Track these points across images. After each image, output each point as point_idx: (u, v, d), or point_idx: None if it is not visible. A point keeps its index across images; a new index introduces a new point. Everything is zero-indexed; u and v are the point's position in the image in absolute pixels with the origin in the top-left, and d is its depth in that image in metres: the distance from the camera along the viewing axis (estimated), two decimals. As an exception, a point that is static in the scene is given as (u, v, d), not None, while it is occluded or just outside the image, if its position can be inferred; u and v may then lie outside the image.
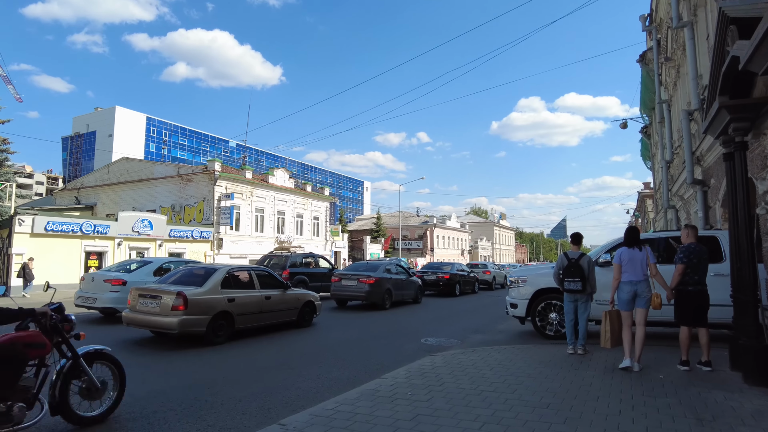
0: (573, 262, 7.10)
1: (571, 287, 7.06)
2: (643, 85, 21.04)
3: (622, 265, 6.23)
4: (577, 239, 7.59)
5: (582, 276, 6.99)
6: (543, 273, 9.31)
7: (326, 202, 41.22)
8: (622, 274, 6.22)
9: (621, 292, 6.23)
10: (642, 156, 30.65)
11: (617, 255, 6.36)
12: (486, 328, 10.98)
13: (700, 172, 11.10)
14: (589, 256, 7.52)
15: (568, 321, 7.23)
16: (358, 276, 14.07)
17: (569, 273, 7.07)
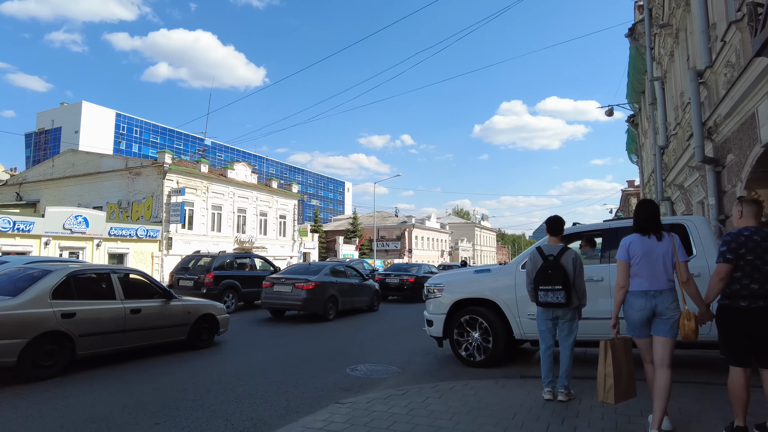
0: (551, 262, 4.68)
1: (549, 299, 4.60)
2: (631, 66, 18.86)
3: (632, 263, 3.77)
4: (556, 227, 4.98)
5: (565, 282, 4.55)
6: (463, 279, 7.13)
7: (294, 199, 38.54)
8: (632, 279, 3.77)
9: (630, 309, 3.76)
10: (627, 149, 28.63)
11: (623, 247, 3.87)
12: (439, 349, 8.50)
13: (712, 148, 8.80)
14: (576, 252, 4.89)
15: (543, 349, 4.80)
16: (293, 280, 11.48)
17: (545, 278, 4.64)
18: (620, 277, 3.78)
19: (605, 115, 21.29)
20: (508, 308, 6.38)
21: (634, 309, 3.71)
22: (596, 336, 5.72)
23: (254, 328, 10.50)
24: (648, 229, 3.80)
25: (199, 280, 12.86)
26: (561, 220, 5.01)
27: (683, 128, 11.53)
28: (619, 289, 3.79)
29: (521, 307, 6.26)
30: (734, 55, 7.14)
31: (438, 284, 7.06)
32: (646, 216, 3.88)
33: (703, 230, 6.00)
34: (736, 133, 7.51)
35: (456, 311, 6.72)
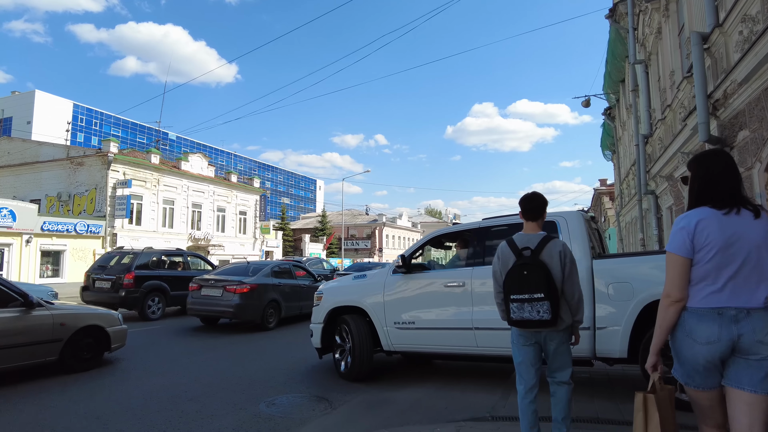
0: (527, 258, 3.09)
1: (527, 315, 3.00)
2: (609, 53, 17.65)
3: (699, 260, 2.10)
4: (534, 206, 3.30)
5: (549, 287, 2.97)
6: (341, 286, 6.45)
7: (255, 194, 36.39)
8: (695, 286, 2.11)
9: (688, 340, 2.10)
10: (602, 146, 27.66)
11: (682, 230, 2.15)
12: (387, 367, 6.86)
13: (716, 126, 7.43)
14: (563, 243, 3.25)
15: (522, 394, 3.15)
16: (224, 282, 9.65)
17: (519, 282, 3.05)
18: (671, 281, 2.14)
19: (582, 106, 20.08)
20: (375, 316, 5.69)
21: (697, 340, 2.07)
22: (442, 348, 5.25)
23: (171, 341, 8.65)
24: (732, 199, 2.13)
25: (117, 281, 10.90)
26: (541, 197, 3.32)
27: (674, 111, 10.21)
28: (669, 304, 2.14)
29: (388, 314, 5.58)
30: (756, 5, 5.72)
31: (320, 291, 6.43)
32: (725, 175, 2.17)
33: (574, 227, 4.77)
34: (755, 103, 6.11)
35: (333, 320, 6.11)
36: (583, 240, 4.67)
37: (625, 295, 4.30)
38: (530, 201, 3.27)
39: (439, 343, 5.28)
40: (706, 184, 2.18)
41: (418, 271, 5.56)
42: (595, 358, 4.49)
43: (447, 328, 5.16)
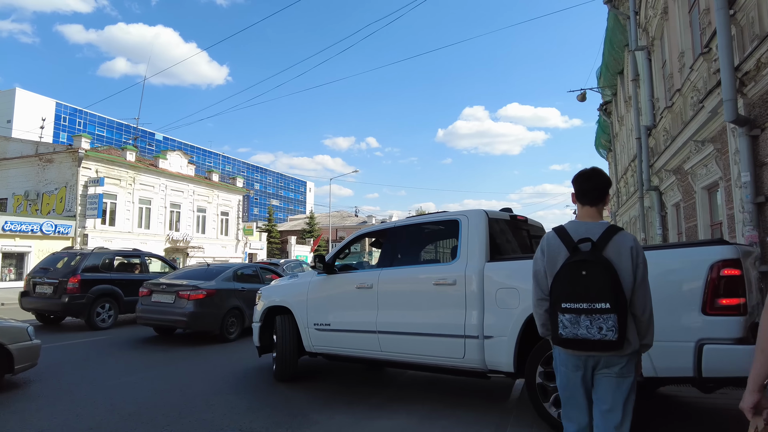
0: (587, 254, 2.21)
1: (583, 333, 2.13)
2: (607, 43, 16.68)
3: None
4: (595, 188, 2.39)
5: (615, 296, 2.10)
6: (277, 285, 6.34)
7: (238, 194, 35.06)
8: None
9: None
10: (596, 144, 26.77)
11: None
12: (370, 383, 5.73)
13: (743, 105, 6.38)
14: (634, 237, 2.35)
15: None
16: (177, 287, 8.45)
17: (575, 287, 2.16)
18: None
19: (577, 100, 19.07)
20: (299, 316, 5.58)
21: None
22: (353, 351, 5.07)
23: (110, 356, 7.42)
24: None
25: (60, 286, 9.61)
26: (602, 175, 2.45)
27: (685, 96, 9.17)
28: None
29: (309, 314, 5.45)
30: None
31: (260, 291, 6.42)
32: None
33: (474, 227, 4.41)
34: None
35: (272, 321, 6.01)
36: (480, 240, 4.28)
37: (511, 302, 3.91)
38: (588, 179, 2.39)
39: (350, 346, 5.11)
40: None
41: (338, 271, 5.45)
42: (488, 371, 4.08)
43: (355, 330, 5.00)
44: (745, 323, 3.01)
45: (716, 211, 8.68)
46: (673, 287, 3.25)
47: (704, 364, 3.02)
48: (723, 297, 3.03)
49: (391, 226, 5.33)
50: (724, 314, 3.01)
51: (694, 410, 4.36)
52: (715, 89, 6.81)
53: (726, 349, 2.97)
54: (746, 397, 1.51)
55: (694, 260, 3.21)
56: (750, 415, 1.52)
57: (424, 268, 4.76)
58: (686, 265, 3.29)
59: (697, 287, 3.09)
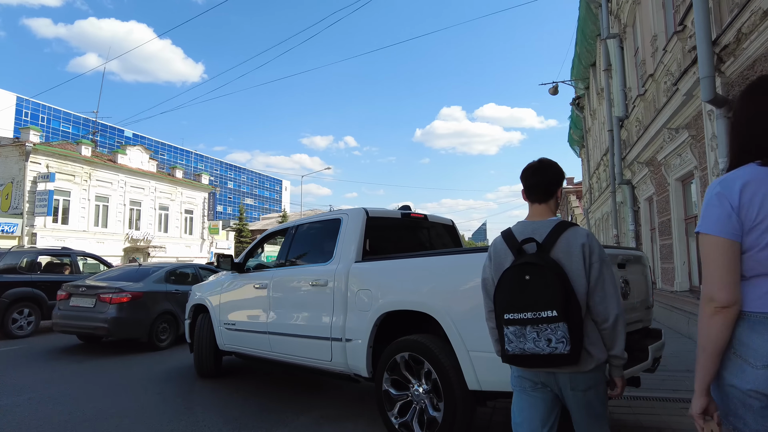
0: (529, 257, 1.90)
1: (530, 346, 1.81)
2: (579, 34, 16.20)
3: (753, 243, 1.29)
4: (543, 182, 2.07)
5: (564, 301, 1.77)
6: (204, 284, 6.25)
7: (203, 192, 33.76)
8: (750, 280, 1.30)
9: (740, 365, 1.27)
10: (569, 141, 26.44)
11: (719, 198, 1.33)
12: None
13: (721, 85, 5.76)
14: (590, 233, 1.96)
15: None
16: (98, 290, 7.44)
17: (516, 294, 1.85)
18: (713, 277, 1.37)
19: (549, 93, 18.55)
20: (213, 314, 5.62)
21: (754, 364, 1.28)
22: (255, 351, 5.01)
23: (9, 371, 6.41)
24: None
25: (-32, 289, 8.51)
26: (553, 166, 2.14)
27: (658, 81, 8.59)
28: (714, 312, 1.36)
29: (221, 313, 5.49)
30: None
31: (192, 289, 6.43)
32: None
33: (350, 227, 4.29)
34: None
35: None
36: (354, 239, 4.15)
37: (367, 303, 3.76)
38: (534, 173, 2.12)
39: (251, 346, 5.05)
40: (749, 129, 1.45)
41: (251, 270, 5.38)
42: (354, 374, 3.92)
43: (253, 330, 4.97)
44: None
45: (690, 205, 8.12)
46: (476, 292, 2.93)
47: None
48: None
49: (287, 226, 5.25)
50: None
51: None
52: (691, 68, 6.19)
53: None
54: (694, 402, 1.45)
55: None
56: (700, 422, 1.45)
57: (306, 268, 4.62)
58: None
59: None
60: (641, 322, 3.49)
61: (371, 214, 4.30)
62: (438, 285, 3.34)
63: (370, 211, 4.32)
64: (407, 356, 3.34)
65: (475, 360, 2.96)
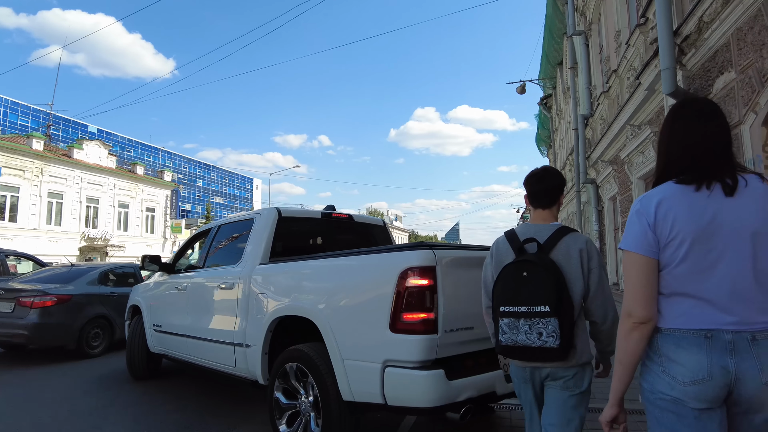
0: (530, 256, 2.01)
1: (522, 338, 1.92)
2: (546, 33, 16.08)
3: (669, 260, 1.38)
4: (546, 190, 2.20)
5: (557, 299, 1.87)
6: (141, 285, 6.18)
7: (166, 189, 32.67)
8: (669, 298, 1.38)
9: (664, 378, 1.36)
10: (537, 141, 26.48)
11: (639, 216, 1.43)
12: None
13: (682, 78, 5.52)
14: (587, 238, 2.11)
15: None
16: (18, 293, 6.80)
17: (512, 289, 1.97)
18: (631, 294, 1.43)
19: (517, 92, 18.40)
20: (145, 316, 5.53)
21: (678, 379, 1.36)
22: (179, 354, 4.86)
23: None
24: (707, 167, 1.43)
25: None
26: (556, 175, 2.29)
27: (621, 77, 8.40)
28: (631, 328, 1.44)
29: (152, 315, 5.40)
30: None
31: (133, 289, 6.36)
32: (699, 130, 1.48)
33: (260, 227, 4.13)
34: (750, 25, 4.18)
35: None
36: (262, 240, 3.98)
37: (262, 308, 3.63)
38: (540, 180, 2.23)
39: (174, 348, 4.92)
40: (675, 148, 1.52)
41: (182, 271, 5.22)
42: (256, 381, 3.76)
43: (175, 333, 4.82)
44: (430, 344, 2.57)
45: (652, 204, 7.93)
46: (366, 298, 2.92)
47: (386, 391, 2.64)
48: (408, 311, 2.61)
49: (210, 226, 5.18)
50: (408, 332, 2.60)
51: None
52: (652, 61, 5.95)
53: (404, 375, 2.58)
54: (606, 411, 1.53)
55: (387, 267, 2.78)
56: (607, 429, 1.54)
57: (217, 270, 4.45)
58: (379, 273, 2.86)
59: (387, 299, 2.67)
60: None
61: (284, 214, 4.16)
62: (319, 289, 3.22)
63: (283, 211, 4.18)
64: (295, 366, 3.20)
65: (348, 369, 2.82)
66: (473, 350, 2.82)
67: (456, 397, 2.57)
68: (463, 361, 2.76)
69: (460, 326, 2.72)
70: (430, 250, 2.67)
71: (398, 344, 2.61)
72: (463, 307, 2.75)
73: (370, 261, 3.05)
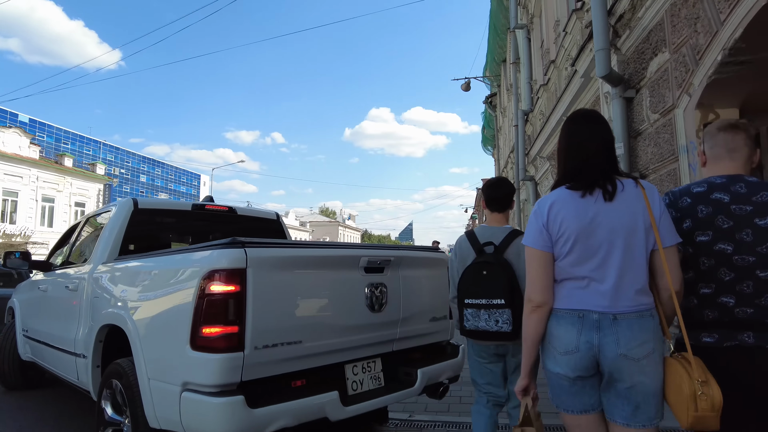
0: (489, 256, 2.53)
1: (482, 325, 2.42)
2: (491, 28, 15.90)
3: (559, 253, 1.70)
4: (502, 196, 2.73)
5: (513, 291, 2.37)
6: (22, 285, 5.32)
7: (98, 183, 30.56)
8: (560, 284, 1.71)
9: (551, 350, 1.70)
10: (483, 141, 26.50)
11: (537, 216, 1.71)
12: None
13: (617, 63, 5.17)
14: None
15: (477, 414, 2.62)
16: None
17: (476, 284, 2.46)
18: (530, 282, 1.74)
19: (462, 89, 18.16)
20: (17, 318, 4.91)
21: (557, 350, 1.68)
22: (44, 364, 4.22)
23: None
24: (591, 175, 1.69)
25: None
26: (509, 184, 2.82)
27: (559, 68, 8.13)
28: (531, 311, 1.73)
29: (23, 317, 4.76)
30: None
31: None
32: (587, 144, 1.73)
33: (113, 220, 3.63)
34: (683, 1, 3.83)
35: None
36: (111, 235, 3.46)
37: (95, 313, 3.12)
38: (497, 188, 2.76)
39: (37, 356, 4.36)
40: (564, 156, 1.79)
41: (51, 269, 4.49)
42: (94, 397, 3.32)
43: (36, 339, 4.28)
44: (232, 363, 2.06)
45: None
46: (169, 306, 2.39)
47: (183, 419, 2.16)
48: (207, 324, 2.10)
49: (80, 221, 4.62)
50: (207, 350, 2.09)
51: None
52: (587, 44, 5.62)
53: (198, 401, 2.08)
54: (518, 381, 1.81)
55: (189, 270, 2.30)
56: (520, 397, 1.83)
57: (71, 269, 3.87)
58: (181, 277, 2.36)
59: (188, 309, 2.17)
60: (426, 337, 3.01)
61: (142, 206, 3.64)
62: (131, 295, 2.75)
63: (140, 203, 3.67)
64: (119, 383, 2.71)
65: (153, 391, 2.33)
66: (302, 368, 2.31)
67: (264, 427, 2.08)
68: (289, 381, 2.27)
69: (282, 341, 2.20)
70: (242, 248, 2.16)
71: (197, 364, 2.12)
72: (288, 318, 2.25)
73: (173, 263, 2.54)
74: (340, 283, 2.46)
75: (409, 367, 2.77)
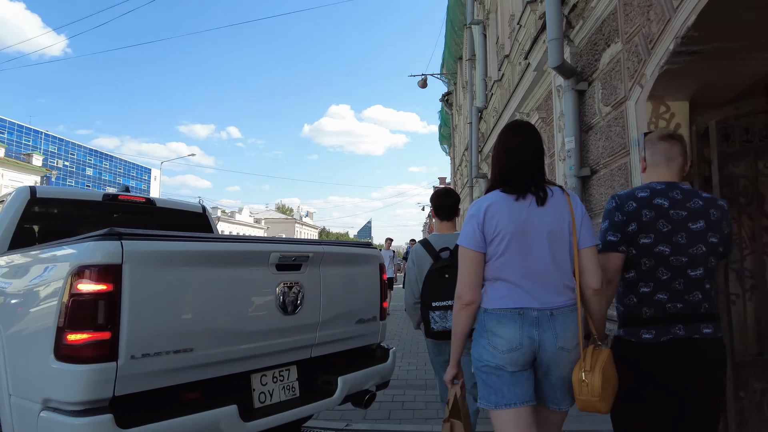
0: (447, 261, 2.77)
1: (448, 326, 2.57)
2: (448, 24, 15.80)
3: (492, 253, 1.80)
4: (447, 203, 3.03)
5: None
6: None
7: (35, 175, 28.75)
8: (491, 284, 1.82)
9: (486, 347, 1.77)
10: (440, 139, 26.55)
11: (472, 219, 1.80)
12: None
13: (570, 56, 5.04)
14: None
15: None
16: None
17: (440, 288, 2.70)
18: (461, 280, 1.83)
19: (419, 86, 18.03)
20: None
21: (497, 348, 1.75)
22: None
23: None
24: (524, 181, 1.82)
25: None
26: (455, 193, 3.17)
27: (513, 63, 8.02)
28: (460, 308, 1.84)
29: None
30: None
31: None
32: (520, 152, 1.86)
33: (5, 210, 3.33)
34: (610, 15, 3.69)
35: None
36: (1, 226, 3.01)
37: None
38: (445, 197, 3.04)
39: None
40: (499, 162, 1.91)
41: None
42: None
43: None
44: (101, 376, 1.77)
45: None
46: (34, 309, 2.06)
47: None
48: (72, 329, 1.79)
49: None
50: (72, 360, 1.78)
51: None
52: (541, 35, 5.47)
53: (56, 423, 1.75)
54: (447, 371, 1.93)
55: (56, 266, 1.98)
56: (449, 385, 1.94)
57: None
58: (47, 275, 2.04)
59: (52, 311, 1.86)
60: (351, 341, 2.78)
61: (41, 195, 3.30)
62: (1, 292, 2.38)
63: (39, 191, 3.32)
64: None
65: (13, 409, 1.96)
66: (196, 379, 2.01)
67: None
68: (180, 395, 1.98)
69: (168, 349, 1.90)
70: (118, 240, 1.84)
71: (59, 377, 1.81)
72: (176, 322, 1.96)
73: (41, 258, 2.19)
74: (245, 282, 2.14)
75: (330, 375, 2.54)
